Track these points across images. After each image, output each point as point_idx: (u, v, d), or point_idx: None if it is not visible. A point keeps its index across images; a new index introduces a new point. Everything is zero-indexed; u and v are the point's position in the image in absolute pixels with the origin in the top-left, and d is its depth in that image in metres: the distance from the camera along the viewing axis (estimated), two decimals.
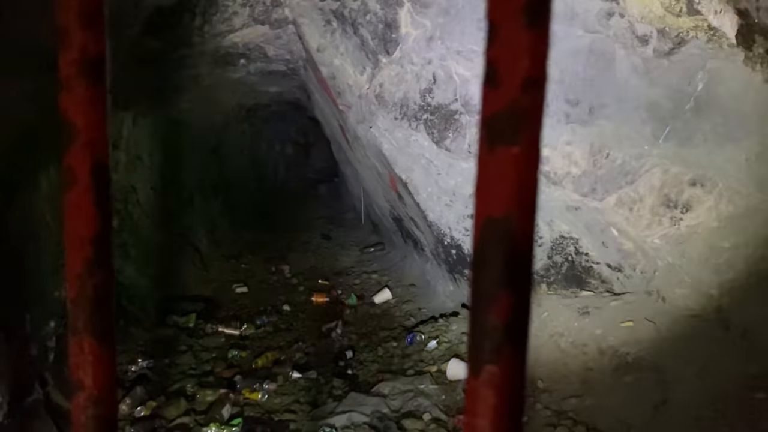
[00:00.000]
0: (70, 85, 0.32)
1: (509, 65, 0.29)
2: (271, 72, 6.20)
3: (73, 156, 0.32)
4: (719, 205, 3.19)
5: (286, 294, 5.96)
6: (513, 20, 0.29)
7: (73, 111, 0.32)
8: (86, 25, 0.32)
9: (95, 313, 0.34)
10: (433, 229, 4.68)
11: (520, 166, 0.30)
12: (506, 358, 0.30)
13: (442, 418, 3.42)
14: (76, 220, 0.34)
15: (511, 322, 0.30)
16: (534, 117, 0.30)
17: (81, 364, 0.34)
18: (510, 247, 0.30)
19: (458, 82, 3.89)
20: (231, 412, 3.63)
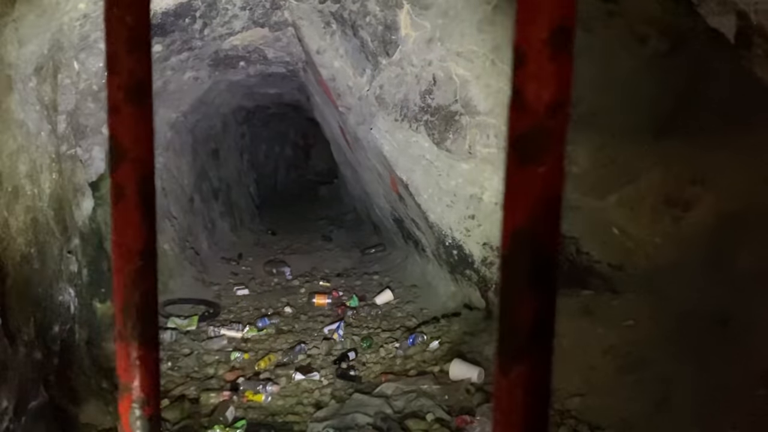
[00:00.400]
0: (119, 108, 0.33)
1: (536, 91, 0.31)
2: (270, 74, 6.22)
3: (121, 173, 0.34)
4: (719, 203, 3.21)
5: (288, 296, 5.97)
6: (540, 49, 0.31)
7: (121, 132, 0.33)
8: (133, 51, 0.33)
9: (141, 320, 0.35)
10: (435, 230, 4.70)
11: (545, 183, 0.32)
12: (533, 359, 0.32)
13: (446, 418, 3.43)
14: (124, 232, 0.35)
15: (538, 324, 0.32)
16: (559, 138, 0.32)
17: (128, 368, 0.36)
18: (536, 256, 0.33)
19: (458, 84, 3.91)
20: (235, 414, 3.64)
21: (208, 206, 7.49)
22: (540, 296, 0.33)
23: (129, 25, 0.33)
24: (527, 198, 0.33)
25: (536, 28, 0.31)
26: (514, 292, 0.33)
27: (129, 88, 0.33)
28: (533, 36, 0.31)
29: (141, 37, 0.34)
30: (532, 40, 0.31)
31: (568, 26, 0.31)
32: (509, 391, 0.33)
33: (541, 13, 0.31)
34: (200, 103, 6.40)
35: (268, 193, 11.05)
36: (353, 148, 5.68)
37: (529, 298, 0.33)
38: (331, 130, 6.80)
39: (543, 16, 0.31)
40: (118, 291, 0.36)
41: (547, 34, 0.31)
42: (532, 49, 0.32)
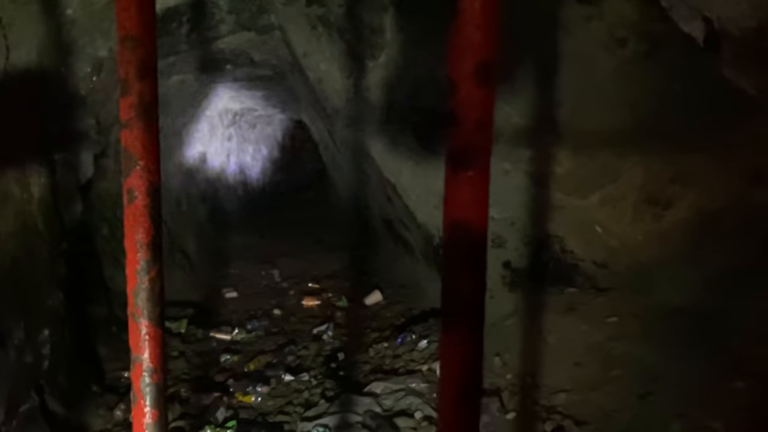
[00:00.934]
0: (130, 125, 0.40)
1: (465, 113, 0.39)
2: (257, 77, 6.25)
3: (132, 180, 0.40)
4: (698, 202, 3.28)
5: (277, 298, 6.00)
6: (467, 81, 0.38)
7: (132, 145, 0.40)
8: (143, 77, 0.40)
9: (149, 301, 0.42)
10: (423, 230, 4.75)
11: (475, 185, 0.40)
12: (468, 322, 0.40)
13: (434, 415, 3.48)
14: (135, 229, 0.41)
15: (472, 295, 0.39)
16: (485, 150, 0.40)
17: (139, 341, 0.43)
18: (469, 242, 0.40)
19: (444, 85, 3.96)
20: (225, 415, 3.67)
21: (196, 209, 7.50)
22: (473, 273, 0.41)
23: (140, 56, 0.39)
24: (461, 197, 0.40)
25: (465, 64, 0.38)
26: (453, 271, 0.40)
27: (139, 108, 0.39)
28: (462, 69, 0.39)
29: (150, 65, 0.40)
30: (461, 73, 0.39)
31: (489, 62, 0.39)
32: (450, 346, 0.40)
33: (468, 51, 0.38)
34: (187, 106, 6.42)
35: (256, 195, 11.06)
36: (341, 150, 5.73)
37: (465, 275, 0.40)
38: (319, 132, 6.84)
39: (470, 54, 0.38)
40: (130, 277, 0.42)
41: (473, 68, 0.39)
42: (462, 80, 0.39)
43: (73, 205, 3.73)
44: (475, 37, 0.39)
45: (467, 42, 0.40)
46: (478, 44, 0.40)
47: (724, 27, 1.54)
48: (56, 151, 3.53)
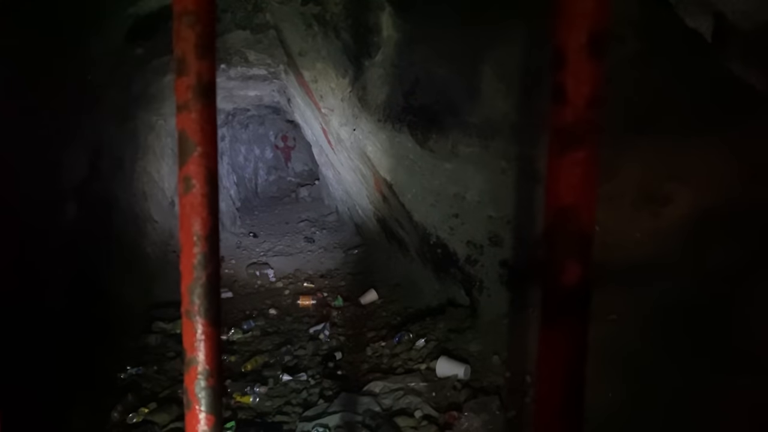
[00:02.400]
0: (188, 107, 0.37)
1: (576, 88, 0.36)
2: (251, 76, 6.22)
3: (190, 167, 0.38)
4: (697, 199, 3.29)
5: (272, 298, 5.98)
6: (579, 53, 0.36)
7: (190, 129, 0.37)
8: (201, 56, 0.37)
9: (206, 298, 0.39)
10: (419, 229, 4.74)
11: (584, 166, 0.37)
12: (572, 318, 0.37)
13: (433, 414, 3.47)
14: (192, 220, 0.39)
15: (576, 288, 0.37)
16: (594, 128, 0.37)
17: (194, 342, 0.39)
18: (575, 230, 0.38)
19: (440, 84, 3.96)
20: (223, 415, 3.65)
21: None
22: (578, 264, 0.38)
23: (198, 32, 0.37)
24: (568, 180, 0.37)
25: (575, 34, 0.36)
26: (557, 261, 0.38)
27: (197, 89, 0.37)
28: (575, 40, 0.36)
29: (208, 42, 0.37)
30: (573, 44, 0.36)
31: (602, 32, 0.36)
32: (552, 344, 0.38)
33: (580, 20, 0.36)
34: None
35: (248, 195, 11.02)
36: (336, 149, 5.71)
37: (571, 265, 0.38)
38: (313, 132, 6.82)
39: (582, 24, 0.36)
40: (185, 272, 0.39)
41: (586, 40, 0.36)
42: (573, 51, 0.36)
43: (72, 204, 3.70)
44: (588, 4, 0.36)
45: (579, 10, 0.37)
46: (591, 12, 0.37)
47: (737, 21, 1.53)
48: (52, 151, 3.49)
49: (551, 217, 0.38)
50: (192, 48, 0.37)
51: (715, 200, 3.12)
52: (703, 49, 2.32)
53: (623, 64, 3.19)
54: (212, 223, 0.39)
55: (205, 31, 0.37)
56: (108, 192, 5.02)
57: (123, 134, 5.24)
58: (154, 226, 6.19)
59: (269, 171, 12.64)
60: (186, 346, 0.40)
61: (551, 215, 0.38)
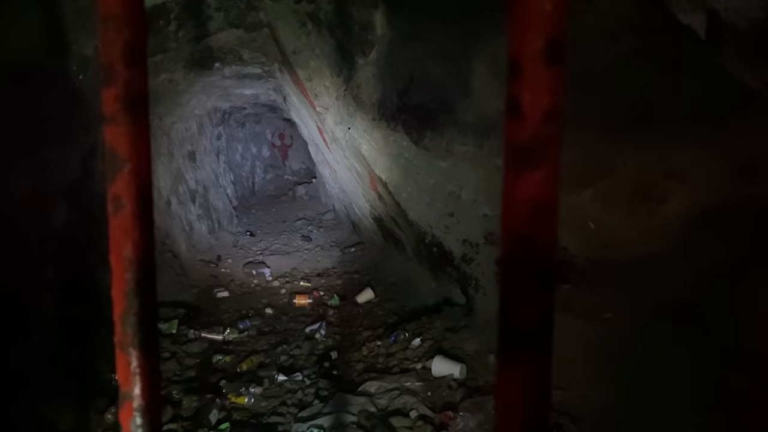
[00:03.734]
0: (116, 120, 0.34)
1: (532, 101, 0.33)
2: (246, 75, 6.19)
3: (119, 184, 0.35)
4: (693, 196, 3.27)
5: (268, 297, 5.96)
6: (534, 61, 0.32)
7: (118, 143, 0.34)
8: (130, 64, 0.34)
9: (140, 329, 0.36)
10: (414, 227, 4.72)
11: (542, 188, 0.34)
12: (532, 357, 0.34)
13: (429, 414, 3.46)
14: (123, 243, 0.36)
15: (536, 324, 0.33)
16: (554, 145, 0.34)
17: (128, 376, 0.36)
18: (534, 258, 0.34)
19: (435, 82, 3.93)
20: (218, 416, 3.63)
21: (185, 209, 7.43)
22: (538, 297, 0.34)
23: (126, 38, 0.34)
24: (525, 203, 0.34)
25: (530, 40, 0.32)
26: (513, 293, 0.34)
27: (126, 100, 0.34)
28: (529, 47, 0.33)
29: (138, 50, 0.34)
30: (528, 51, 0.33)
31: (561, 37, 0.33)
32: (509, 388, 0.34)
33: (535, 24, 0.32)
34: (175, 104, 6.35)
35: (245, 194, 10.99)
36: (331, 147, 5.68)
37: (528, 298, 0.34)
38: (309, 130, 6.79)
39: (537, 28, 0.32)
40: (117, 300, 0.36)
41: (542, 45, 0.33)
42: (527, 60, 0.33)
43: (61, 206, 3.67)
44: (545, 6, 0.32)
45: (534, 12, 0.33)
46: (548, 15, 0.33)
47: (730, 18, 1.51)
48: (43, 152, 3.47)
49: (507, 244, 0.35)
50: (119, 55, 0.34)
51: (711, 198, 3.10)
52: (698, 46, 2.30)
53: (618, 62, 3.17)
54: (145, 247, 0.36)
55: (134, 36, 0.34)
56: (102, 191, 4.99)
57: None
58: None
59: (266, 169, 12.62)
60: (120, 380, 0.37)
61: (507, 243, 0.35)
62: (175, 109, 6.51)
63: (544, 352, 0.34)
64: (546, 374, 0.35)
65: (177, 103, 6.35)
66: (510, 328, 0.34)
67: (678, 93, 3.00)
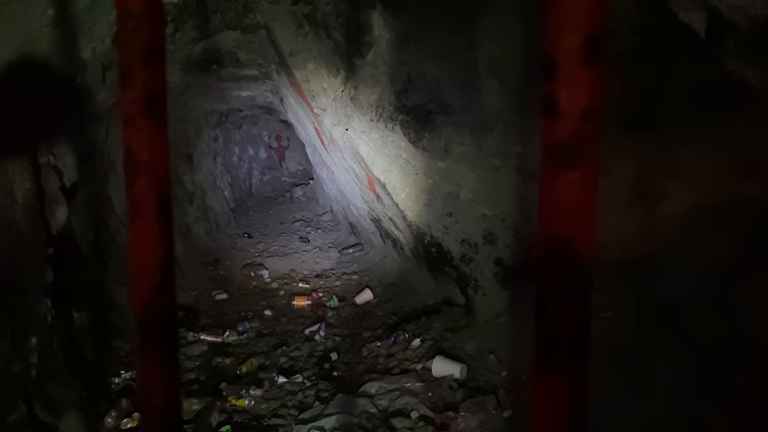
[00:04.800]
0: (134, 122, 0.33)
1: (570, 99, 0.32)
2: (243, 77, 6.18)
3: (138, 188, 0.34)
4: (691, 194, 3.28)
5: (267, 299, 5.95)
6: (573, 58, 0.32)
7: (137, 146, 0.34)
8: (148, 64, 0.33)
9: (160, 334, 0.36)
10: (413, 228, 4.71)
11: (580, 189, 0.33)
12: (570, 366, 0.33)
13: (430, 415, 3.45)
14: (143, 247, 0.35)
15: (575, 332, 0.33)
16: (592, 145, 0.33)
17: (148, 381, 0.36)
18: (573, 263, 0.33)
19: (433, 83, 3.93)
20: (219, 419, 3.62)
21: (183, 211, 7.42)
22: (577, 302, 0.33)
23: (144, 38, 0.33)
24: (563, 205, 0.33)
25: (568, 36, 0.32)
26: (551, 300, 0.33)
27: (144, 101, 0.33)
28: (568, 44, 0.32)
29: (156, 50, 0.34)
30: (566, 48, 0.32)
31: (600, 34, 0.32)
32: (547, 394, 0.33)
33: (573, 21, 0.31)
34: (172, 107, 6.33)
35: (243, 196, 10.98)
36: (329, 149, 5.68)
37: (567, 303, 0.33)
38: (306, 132, 6.79)
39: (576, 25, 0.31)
40: (137, 306, 0.36)
41: (581, 42, 0.32)
42: (566, 57, 0.32)
43: (58, 209, 3.66)
44: (582, 2, 0.31)
45: (572, 9, 0.32)
46: (586, 11, 0.31)
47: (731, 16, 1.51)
48: (41, 155, 3.46)
49: (544, 248, 0.34)
50: (138, 56, 0.33)
51: (709, 196, 3.10)
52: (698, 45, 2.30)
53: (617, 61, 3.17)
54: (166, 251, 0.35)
55: (152, 37, 0.34)
56: (100, 194, 4.98)
57: (115, 136, 5.19)
58: None
59: (263, 171, 12.60)
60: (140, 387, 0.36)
61: (544, 246, 0.34)
62: (172, 112, 6.48)
63: (582, 358, 0.34)
64: (583, 381, 0.34)
65: (174, 106, 6.34)
66: (548, 333, 0.34)
67: (677, 92, 3.00)
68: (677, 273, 3.29)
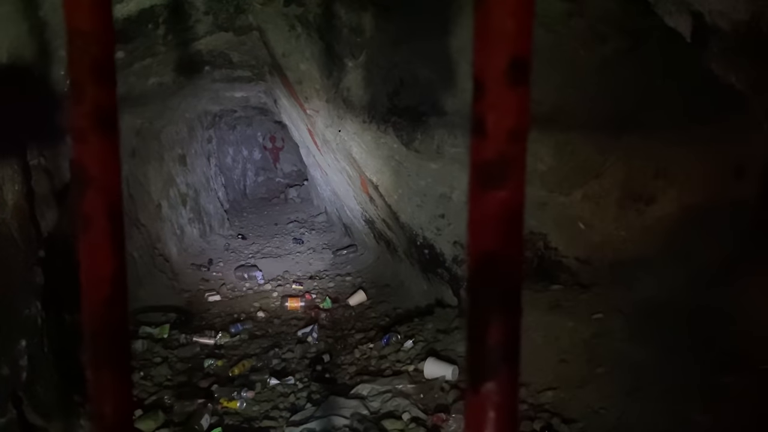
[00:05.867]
0: (84, 137, 0.34)
1: (496, 120, 0.33)
2: (236, 78, 6.18)
3: (88, 202, 0.34)
4: (682, 196, 3.29)
5: (260, 300, 5.94)
6: (498, 81, 0.33)
7: (87, 161, 0.34)
8: (97, 81, 0.34)
9: (112, 347, 0.36)
10: (406, 230, 4.72)
11: (507, 207, 0.34)
12: (501, 378, 0.33)
13: (421, 416, 3.45)
14: (93, 260, 0.35)
15: (504, 344, 0.33)
16: (519, 165, 0.34)
17: (101, 395, 0.36)
18: (501, 278, 0.34)
19: (425, 85, 3.94)
20: (210, 421, 3.61)
21: (177, 212, 7.41)
22: (506, 316, 0.34)
23: (93, 55, 0.33)
24: (491, 222, 0.34)
25: (493, 60, 0.32)
26: (481, 313, 0.34)
27: (94, 117, 0.33)
28: (493, 67, 0.33)
29: (106, 67, 0.34)
30: (491, 72, 0.33)
31: (525, 57, 0.33)
32: (479, 409, 0.34)
33: (498, 44, 0.32)
34: (165, 108, 6.33)
35: (237, 197, 10.96)
36: (322, 150, 5.68)
37: (496, 318, 0.34)
38: (300, 133, 6.78)
39: (500, 48, 0.32)
40: (88, 320, 0.36)
41: (506, 65, 0.32)
42: (491, 80, 0.33)
43: (49, 211, 3.65)
44: (507, 25, 0.32)
45: (497, 32, 0.32)
46: (511, 34, 0.32)
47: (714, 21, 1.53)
48: (31, 157, 3.45)
49: (474, 264, 0.35)
50: (88, 73, 0.33)
51: (699, 198, 3.12)
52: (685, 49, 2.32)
53: (606, 64, 3.18)
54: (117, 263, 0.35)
55: (102, 54, 0.34)
56: None
57: None
58: (140, 230, 6.14)
59: (258, 172, 12.59)
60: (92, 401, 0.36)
61: (474, 262, 0.35)
62: (165, 113, 6.49)
63: (512, 381, 0.34)
64: (512, 402, 0.34)
65: (167, 107, 6.33)
66: (476, 351, 0.34)
67: (666, 95, 3.02)
68: (668, 274, 3.31)
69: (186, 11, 4.06)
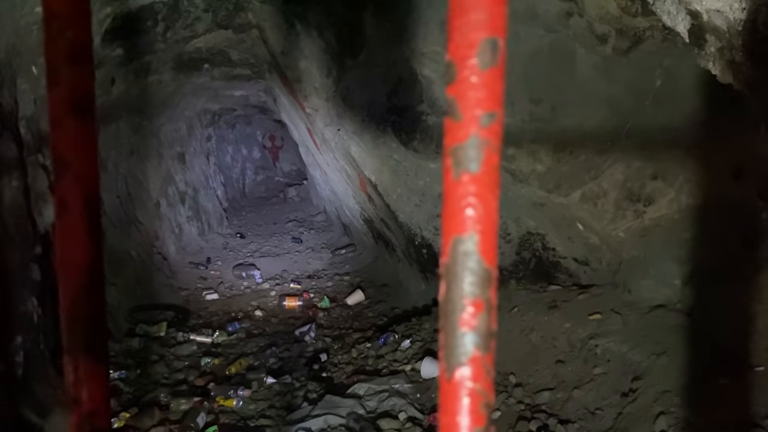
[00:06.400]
0: (61, 123, 0.33)
1: (469, 102, 0.32)
2: (235, 76, 6.18)
3: (65, 188, 0.34)
4: (680, 198, 3.29)
5: (258, 299, 5.94)
6: (468, 60, 0.32)
7: (63, 146, 0.33)
8: (74, 63, 0.33)
9: (89, 333, 0.35)
10: (404, 229, 4.71)
11: (481, 189, 0.33)
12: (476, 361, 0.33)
13: (418, 416, 3.45)
14: (69, 247, 0.35)
15: (479, 328, 0.33)
16: (493, 146, 0.33)
17: (77, 381, 0.35)
18: (476, 261, 0.33)
19: (424, 84, 3.93)
20: (206, 420, 3.61)
21: (175, 210, 7.40)
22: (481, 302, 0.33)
23: (69, 38, 0.33)
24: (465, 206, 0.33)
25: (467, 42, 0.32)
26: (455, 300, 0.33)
27: (71, 102, 0.33)
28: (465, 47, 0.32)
29: (83, 50, 0.33)
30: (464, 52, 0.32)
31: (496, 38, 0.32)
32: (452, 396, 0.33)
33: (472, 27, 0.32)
34: (164, 106, 6.32)
35: (236, 195, 10.96)
36: (321, 149, 5.67)
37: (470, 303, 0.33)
38: (299, 132, 6.78)
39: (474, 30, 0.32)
40: (64, 306, 0.35)
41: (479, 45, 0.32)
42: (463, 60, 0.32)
43: (46, 208, 3.64)
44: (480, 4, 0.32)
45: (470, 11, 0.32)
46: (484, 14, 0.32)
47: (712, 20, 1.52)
48: (28, 153, 3.44)
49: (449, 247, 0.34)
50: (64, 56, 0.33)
51: (698, 199, 3.11)
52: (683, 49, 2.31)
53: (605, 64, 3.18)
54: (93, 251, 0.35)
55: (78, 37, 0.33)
56: None
57: (105, 135, 5.17)
58: (138, 228, 6.13)
59: (257, 171, 12.58)
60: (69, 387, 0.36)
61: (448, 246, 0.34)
62: (164, 111, 6.48)
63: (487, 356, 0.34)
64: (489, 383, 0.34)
65: (166, 105, 6.32)
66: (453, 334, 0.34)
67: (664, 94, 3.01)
68: (665, 275, 3.30)
69: (185, 8, 4.06)
